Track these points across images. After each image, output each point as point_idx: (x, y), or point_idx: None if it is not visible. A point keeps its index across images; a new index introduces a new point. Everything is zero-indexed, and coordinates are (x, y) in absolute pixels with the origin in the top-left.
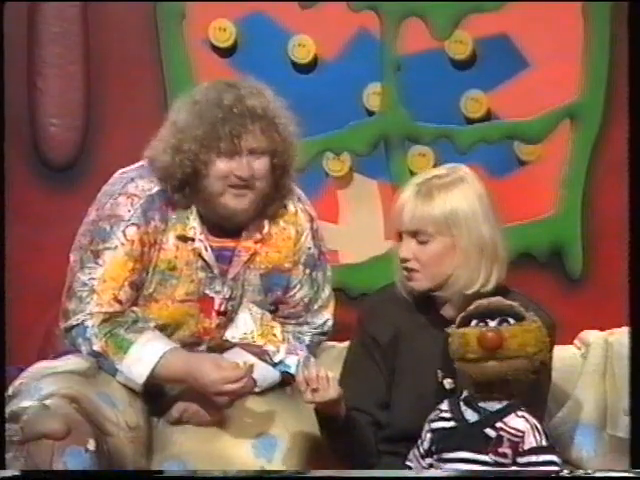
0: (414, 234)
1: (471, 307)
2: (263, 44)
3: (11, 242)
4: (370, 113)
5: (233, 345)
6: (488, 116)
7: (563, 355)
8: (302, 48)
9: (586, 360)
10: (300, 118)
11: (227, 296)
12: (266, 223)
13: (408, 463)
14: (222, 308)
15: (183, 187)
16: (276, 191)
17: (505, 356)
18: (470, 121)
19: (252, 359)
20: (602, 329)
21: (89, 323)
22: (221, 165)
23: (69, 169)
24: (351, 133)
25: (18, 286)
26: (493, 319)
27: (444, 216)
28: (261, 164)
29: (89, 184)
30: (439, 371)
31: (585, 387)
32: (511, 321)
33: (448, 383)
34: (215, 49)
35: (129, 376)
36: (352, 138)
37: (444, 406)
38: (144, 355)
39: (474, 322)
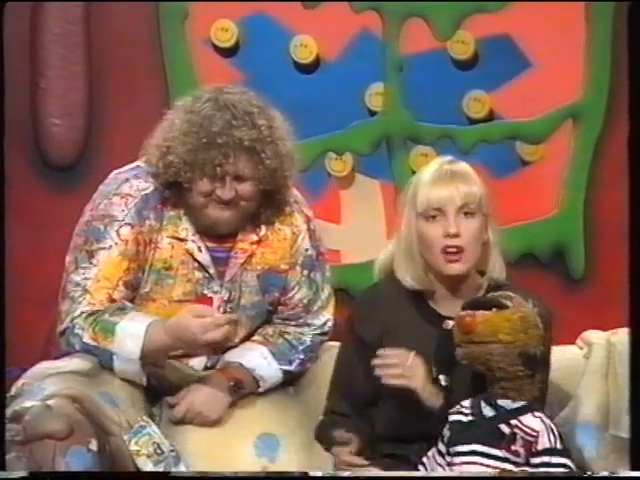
0: (460, 209)
1: (470, 300)
2: (265, 44)
3: (12, 242)
4: (372, 113)
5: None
6: (490, 116)
7: (565, 355)
8: (304, 48)
9: (588, 360)
10: (302, 118)
11: (225, 298)
12: (262, 226)
13: (424, 460)
14: (221, 310)
15: (172, 186)
16: (270, 201)
17: (479, 340)
18: (472, 121)
19: (255, 358)
20: (604, 329)
21: (78, 320)
22: (203, 185)
23: (71, 169)
24: (353, 133)
25: (20, 286)
26: (484, 309)
27: (481, 192)
28: (245, 188)
29: (91, 184)
30: (434, 368)
31: (587, 387)
32: (494, 310)
33: (444, 379)
34: (217, 49)
35: (124, 355)
36: (354, 138)
37: (466, 403)
38: (132, 330)
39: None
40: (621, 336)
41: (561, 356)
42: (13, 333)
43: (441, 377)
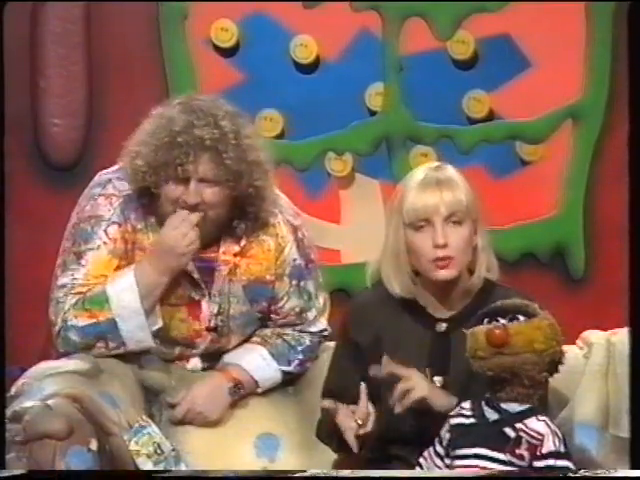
0: (447, 218)
1: (485, 309)
2: (265, 44)
3: (12, 242)
4: (372, 113)
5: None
6: (490, 116)
7: (565, 355)
8: (304, 48)
9: (588, 360)
10: (302, 118)
11: (215, 312)
12: (243, 237)
13: (421, 460)
14: (212, 324)
15: (146, 195)
16: (243, 214)
17: (511, 351)
18: (472, 121)
19: (254, 359)
20: (604, 329)
21: (67, 314)
22: (170, 189)
23: (71, 169)
24: (353, 133)
25: (19, 286)
26: (504, 317)
27: (469, 198)
28: (212, 193)
29: None
30: (427, 369)
31: (587, 387)
32: (521, 318)
33: (438, 381)
34: (217, 49)
35: (126, 313)
36: (354, 138)
37: (466, 404)
38: (122, 285)
39: (486, 321)
40: (621, 336)
41: None
42: (13, 333)
43: (436, 379)
